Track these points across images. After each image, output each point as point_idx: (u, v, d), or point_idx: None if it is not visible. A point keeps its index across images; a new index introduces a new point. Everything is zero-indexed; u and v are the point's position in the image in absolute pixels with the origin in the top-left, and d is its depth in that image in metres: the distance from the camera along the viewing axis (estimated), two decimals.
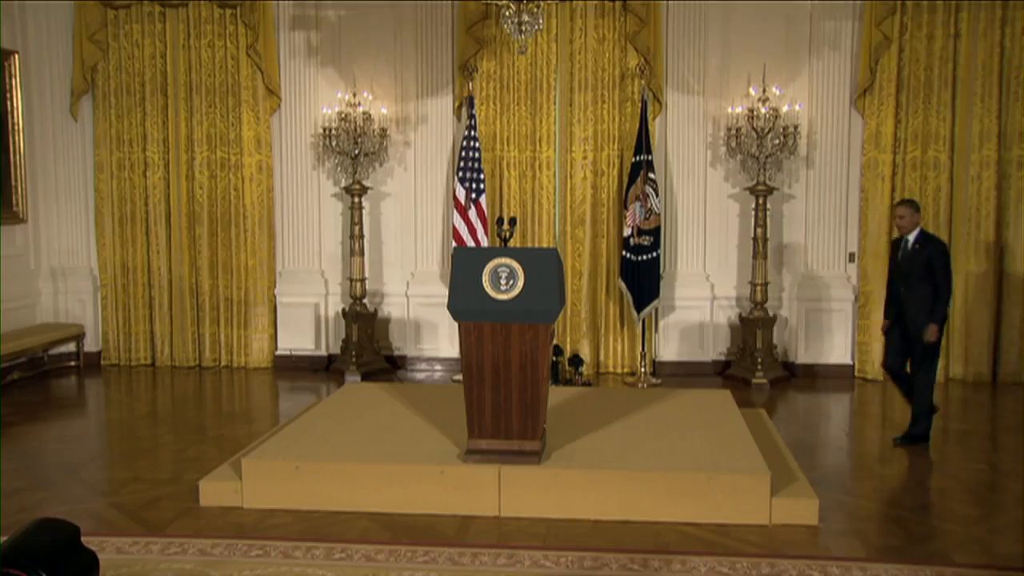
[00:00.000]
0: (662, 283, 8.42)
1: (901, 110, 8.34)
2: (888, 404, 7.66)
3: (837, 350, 8.56)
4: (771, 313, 8.42)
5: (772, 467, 5.05)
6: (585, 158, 8.65)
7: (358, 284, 8.68)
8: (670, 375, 8.53)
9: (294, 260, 9.10)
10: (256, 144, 8.95)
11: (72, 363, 9.11)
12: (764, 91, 8.22)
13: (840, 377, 8.46)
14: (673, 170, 8.63)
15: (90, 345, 9.24)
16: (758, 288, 8.32)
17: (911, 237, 6.27)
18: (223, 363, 9.17)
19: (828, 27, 8.38)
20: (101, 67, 9.01)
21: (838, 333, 8.56)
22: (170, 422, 7.15)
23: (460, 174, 8.29)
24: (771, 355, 8.40)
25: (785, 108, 8.25)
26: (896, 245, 6.45)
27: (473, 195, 8.25)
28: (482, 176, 8.30)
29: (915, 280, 6.19)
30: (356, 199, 8.62)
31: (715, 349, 8.74)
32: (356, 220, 8.63)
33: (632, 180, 8.16)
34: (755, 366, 8.22)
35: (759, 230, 8.27)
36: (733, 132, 8.33)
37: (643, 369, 8.38)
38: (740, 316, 8.59)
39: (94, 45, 8.92)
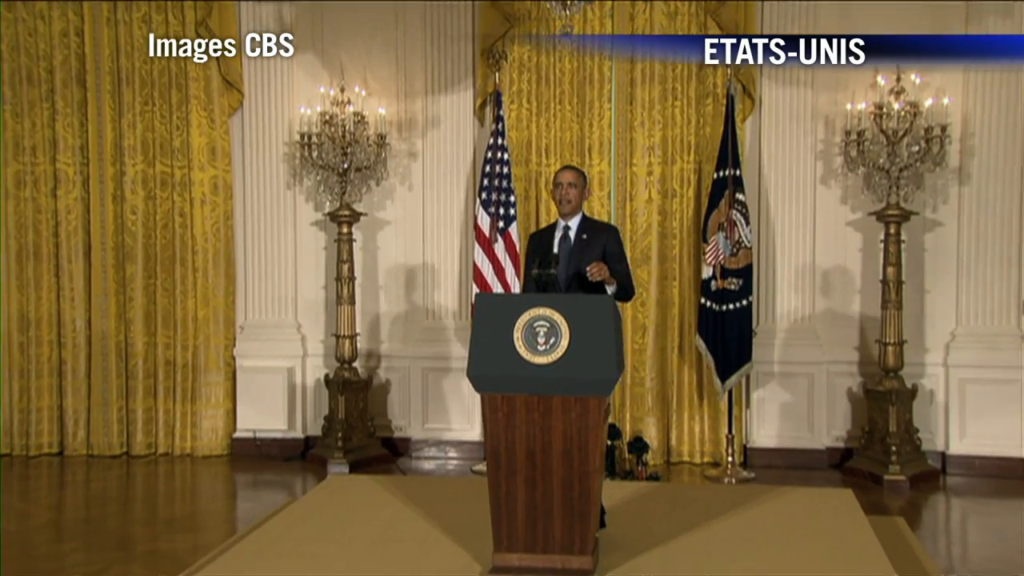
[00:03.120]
0: (755, 341, 8.43)
1: None
2: None
3: (1007, 436, 8.40)
4: (910, 384, 8.34)
5: None
6: (650, 174, 8.75)
7: (346, 342, 8.76)
8: (767, 467, 8.55)
9: (260, 310, 9.22)
10: (210, 154, 9.10)
11: None
12: (898, 79, 8.23)
13: (1013, 476, 8.30)
14: (770, 189, 8.69)
15: None
16: (890, 349, 8.26)
17: (573, 224, 5.77)
18: (161, 450, 9.22)
19: None
20: None
21: (1008, 412, 8.40)
22: (82, 534, 7.08)
23: (483, 196, 8.40)
24: (911, 442, 8.31)
25: (928, 102, 8.25)
26: (541, 238, 5.90)
27: (501, 224, 8.34)
28: (513, 199, 8.40)
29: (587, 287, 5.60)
30: (345, 229, 8.74)
31: (830, 432, 8.73)
32: (344, 257, 8.74)
33: (714, 203, 8.22)
34: (888, 457, 8.13)
35: (891, 269, 8.24)
36: (854, 137, 8.35)
37: (730, 459, 8.39)
38: (865, 387, 8.55)
39: None
